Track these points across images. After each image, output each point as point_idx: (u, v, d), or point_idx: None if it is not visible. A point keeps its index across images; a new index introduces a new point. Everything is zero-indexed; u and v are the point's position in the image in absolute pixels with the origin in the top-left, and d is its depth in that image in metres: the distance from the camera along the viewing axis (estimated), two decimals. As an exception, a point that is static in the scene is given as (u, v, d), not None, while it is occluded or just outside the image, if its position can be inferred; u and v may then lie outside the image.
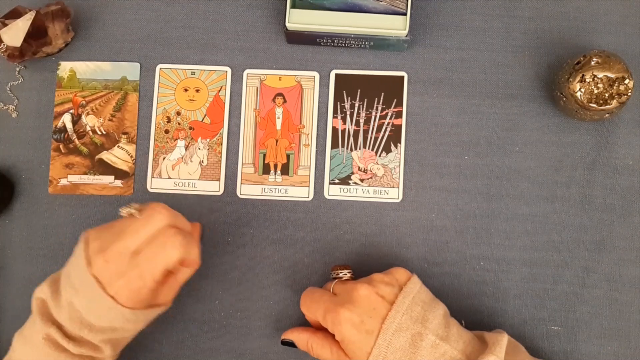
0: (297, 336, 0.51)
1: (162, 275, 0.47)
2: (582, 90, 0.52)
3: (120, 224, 0.47)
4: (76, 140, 0.59)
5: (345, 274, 0.51)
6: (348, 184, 0.57)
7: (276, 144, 0.58)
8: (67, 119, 0.59)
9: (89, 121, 0.59)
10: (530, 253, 0.56)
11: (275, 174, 0.58)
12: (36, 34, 0.56)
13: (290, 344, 0.52)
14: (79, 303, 0.46)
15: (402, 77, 0.58)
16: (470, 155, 0.57)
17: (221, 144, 0.58)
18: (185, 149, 0.59)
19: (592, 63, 0.52)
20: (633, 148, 0.57)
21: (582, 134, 0.57)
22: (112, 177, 0.58)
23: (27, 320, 0.48)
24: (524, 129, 0.57)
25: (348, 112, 0.58)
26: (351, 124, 0.58)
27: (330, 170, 0.58)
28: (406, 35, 0.55)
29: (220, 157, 0.58)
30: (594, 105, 0.52)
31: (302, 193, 0.58)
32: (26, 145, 0.59)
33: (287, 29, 0.56)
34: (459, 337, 0.46)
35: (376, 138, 0.58)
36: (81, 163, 0.58)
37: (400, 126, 0.58)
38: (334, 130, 0.58)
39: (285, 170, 0.58)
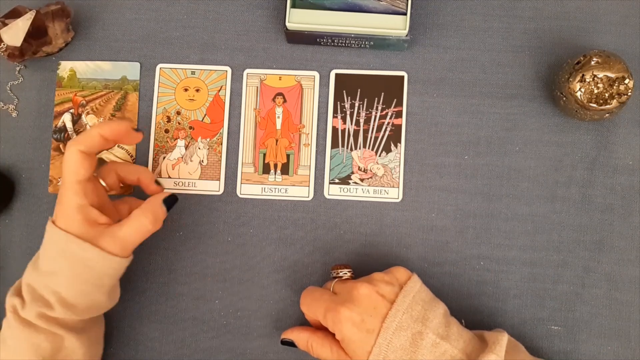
0: (297, 335, 0.51)
1: (77, 184, 0.46)
2: (582, 90, 0.52)
3: None
4: (76, 139, 0.59)
5: (346, 273, 0.51)
6: (348, 183, 0.57)
7: (276, 144, 0.58)
8: (67, 119, 0.59)
9: (89, 121, 0.59)
10: (530, 253, 0.56)
11: (275, 173, 0.58)
12: (36, 34, 0.56)
13: (290, 344, 0.52)
14: (40, 250, 0.48)
15: (402, 77, 0.58)
16: (470, 155, 0.57)
17: (221, 144, 0.58)
18: (185, 149, 0.59)
19: (592, 63, 0.52)
20: (633, 148, 0.57)
21: (582, 134, 0.57)
22: (112, 176, 0.58)
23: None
24: (524, 129, 0.57)
25: (348, 112, 0.58)
26: (351, 124, 0.58)
27: (330, 170, 0.58)
28: (406, 35, 0.55)
29: (220, 156, 0.58)
30: (594, 105, 0.52)
31: (302, 193, 0.58)
32: (26, 145, 0.59)
33: (287, 28, 0.56)
34: (459, 336, 0.46)
35: (376, 138, 0.58)
36: (81, 163, 0.58)
37: (400, 126, 0.58)
38: (334, 130, 0.58)
39: (285, 170, 0.58)
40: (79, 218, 0.46)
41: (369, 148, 0.58)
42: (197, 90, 0.59)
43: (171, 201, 0.51)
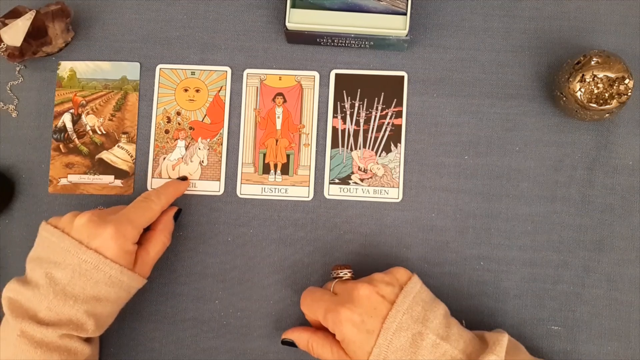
0: (298, 336, 0.51)
1: (145, 226, 0.51)
2: (582, 90, 0.52)
3: None
4: (76, 139, 0.59)
5: (346, 274, 0.51)
6: (348, 183, 0.57)
7: (276, 144, 0.58)
8: (67, 119, 0.59)
9: (89, 121, 0.59)
10: (530, 253, 0.56)
11: (275, 173, 0.58)
12: (36, 34, 0.56)
13: (291, 344, 0.52)
14: (62, 274, 0.47)
15: (402, 77, 0.58)
16: (470, 155, 0.57)
17: (221, 144, 0.58)
18: (186, 149, 0.59)
19: (592, 63, 0.52)
20: (633, 148, 0.57)
21: (582, 134, 0.57)
22: (112, 176, 0.58)
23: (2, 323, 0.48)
24: (524, 129, 0.57)
25: (348, 112, 0.58)
26: (351, 124, 0.58)
27: (330, 170, 0.58)
28: (406, 35, 0.55)
29: (221, 157, 0.58)
30: (594, 105, 0.52)
31: (302, 193, 0.58)
32: (26, 145, 0.59)
33: (287, 28, 0.56)
34: (459, 336, 0.46)
35: (376, 138, 0.58)
36: (81, 163, 0.58)
37: (400, 126, 0.58)
38: (334, 130, 0.58)
39: (285, 170, 0.58)
40: (131, 252, 0.50)
41: (369, 148, 0.58)
42: (197, 91, 0.59)
43: (178, 214, 0.56)
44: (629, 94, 0.52)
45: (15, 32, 0.56)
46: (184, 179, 0.57)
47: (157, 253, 0.52)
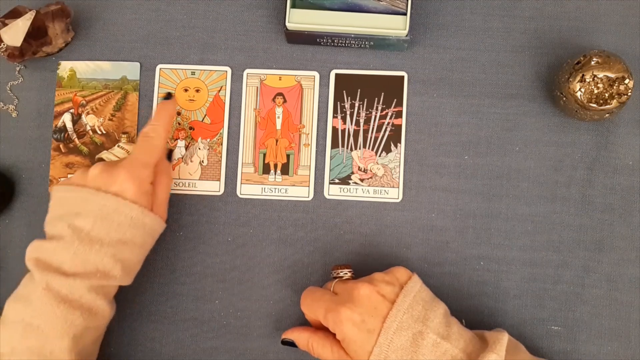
0: (298, 336, 0.51)
1: (155, 164, 0.51)
2: (582, 90, 0.52)
3: None
4: (76, 139, 0.59)
5: (346, 274, 0.51)
6: (348, 183, 0.57)
7: (276, 144, 0.58)
8: (67, 119, 0.59)
9: (89, 121, 0.59)
10: (530, 253, 0.56)
11: (275, 173, 0.58)
12: (36, 34, 0.56)
13: (291, 344, 0.52)
14: (84, 222, 0.47)
15: (402, 77, 0.58)
16: (470, 155, 0.57)
17: (221, 144, 0.58)
18: (186, 149, 0.59)
19: (592, 63, 0.52)
20: (633, 148, 0.57)
21: (582, 134, 0.57)
22: (112, 176, 0.58)
23: (19, 285, 0.48)
24: (524, 129, 0.57)
25: (348, 112, 0.58)
26: (351, 124, 0.58)
27: (330, 170, 0.58)
28: (406, 35, 0.55)
29: (221, 157, 0.58)
30: (594, 105, 0.52)
31: (302, 193, 0.58)
32: (26, 145, 0.59)
33: (287, 28, 0.56)
34: (459, 336, 0.46)
35: (376, 138, 0.58)
36: (81, 162, 0.58)
37: (400, 126, 0.58)
38: (334, 130, 0.58)
39: (285, 170, 0.58)
40: (148, 193, 0.51)
41: (369, 148, 0.58)
42: (197, 91, 0.59)
43: (170, 154, 0.58)
44: (629, 94, 0.52)
45: (15, 32, 0.56)
46: (168, 96, 0.58)
47: (165, 193, 0.53)
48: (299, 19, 0.56)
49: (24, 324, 0.46)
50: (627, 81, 0.51)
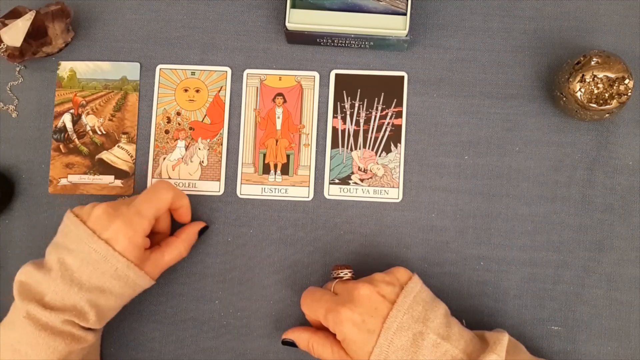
0: (298, 336, 0.51)
1: (155, 218, 0.50)
2: (582, 90, 0.52)
3: None
4: (76, 140, 0.59)
5: (346, 274, 0.51)
6: (348, 184, 0.57)
7: (276, 144, 0.58)
8: (67, 119, 0.59)
9: (89, 121, 0.59)
10: (530, 253, 0.56)
11: (275, 174, 0.58)
12: (36, 34, 0.56)
13: (291, 344, 0.52)
14: (72, 260, 0.48)
15: (402, 77, 0.58)
16: (470, 155, 0.57)
17: (221, 144, 0.58)
18: (186, 149, 0.59)
19: (592, 63, 0.52)
20: (633, 148, 0.57)
21: (582, 134, 0.57)
22: (112, 177, 0.58)
23: (11, 307, 0.49)
24: (524, 129, 0.57)
25: (348, 112, 0.58)
26: (351, 124, 0.58)
27: (330, 170, 0.58)
28: (406, 35, 0.55)
29: (221, 157, 0.58)
30: (594, 105, 0.52)
31: (302, 193, 0.58)
32: (26, 145, 0.59)
33: (287, 29, 0.56)
34: (460, 336, 0.46)
35: (376, 138, 0.58)
36: (81, 163, 0.58)
37: (400, 126, 0.58)
38: (334, 130, 0.58)
39: (285, 170, 0.58)
40: (140, 246, 0.49)
41: (369, 148, 0.58)
42: (197, 91, 0.59)
43: (204, 230, 0.56)
44: (629, 94, 0.52)
45: (15, 33, 0.56)
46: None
47: (171, 259, 0.53)
48: (299, 19, 0.56)
49: (12, 349, 0.47)
50: (627, 81, 0.51)
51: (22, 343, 0.46)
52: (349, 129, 0.58)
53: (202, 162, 0.58)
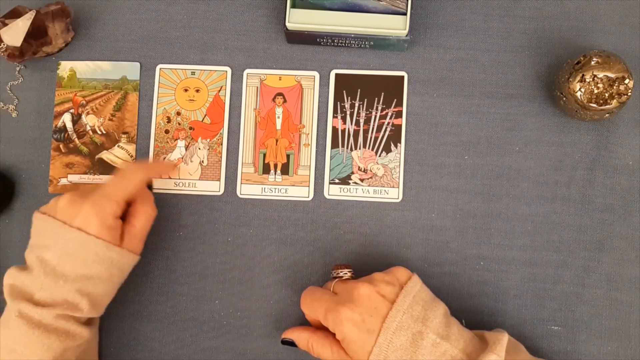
0: (298, 335, 0.51)
1: (125, 200, 0.50)
2: (582, 90, 0.52)
3: None
4: (76, 139, 0.59)
5: (346, 273, 0.51)
6: (348, 183, 0.57)
7: (276, 144, 0.58)
8: (67, 119, 0.59)
9: (89, 121, 0.59)
10: (530, 253, 0.56)
11: (275, 173, 0.58)
12: (36, 34, 0.56)
13: (291, 344, 0.52)
14: (51, 255, 0.47)
15: (402, 77, 0.58)
16: (470, 155, 0.57)
17: (221, 144, 0.58)
18: (186, 149, 0.59)
19: (592, 63, 0.52)
20: (633, 148, 0.57)
21: (582, 134, 0.57)
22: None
23: (5, 309, 0.49)
24: (524, 129, 0.57)
25: (348, 112, 0.58)
26: (351, 124, 0.58)
27: (330, 170, 0.58)
28: (406, 35, 0.55)
29: (221, 157, 0.58)
30: (594, 105, 0.52)
31: (302, 193, 0.58)
32: (26, 145, 0.59)
33: (287, 28, 0.56)
34: (459, 336, 0.46)
35: (376, 138, 0.58)
36: (81, 163, 0.58)
37: (400, 126, 0.58)
38: (334, 130, 0.58)
39: (285, 170, 0.58)
40: (113, 227, 0.49)
41: (369, 148, 0.58)
42: (197, 91, 0.59)
43: (151, 185, 0.57)
44: (629, 94, 0.52)
45: (15, 32, 0.56)
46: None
47: (143, 225, 0.51)
48: (299, 19, 0.56)
49: (8, 349, 0.47)
50: (627, 81, 0.51)
51: (17, 343, 0.46)
52: (349, 129, 0.58)
53: (202, 162, 0.58)
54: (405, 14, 0.55)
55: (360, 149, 0.58)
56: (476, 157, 0.57)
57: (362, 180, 0.57)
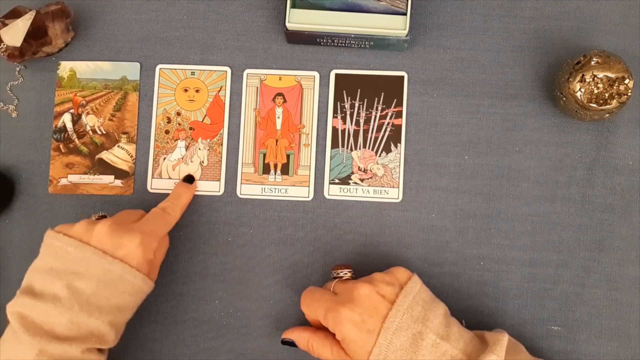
0: (298, 335, 0.51)
1: (163, 236, 0.51)
2: (582, 90, 0.52)
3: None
4: (76, 140, 0.59)
5: (346, 274, 0.51)
6: (348, 183, 0.57)
7: (276, 144, 0.58)
8: (67, 119, 0.59)
9: (89, 121, 0.59)
10: (530, 253, 0.56)
11: (275, 173, 0.58)
12: (36, 34, 0.56)
13: (291, 344, 0.52)
14: (86, 285, 0.46)
15: (402, 77, 0.58)
16: (470, 155, 0.57)
17: (221, 144, 0.58)
18: (186, 149, 0.59)
19: (592, 63, 0.52)
20: (633, 148, 0.57)
21: (582, 134, 0.57)
22: (112, 176, 0.58)
23: (3, 339, 0.46)
24: (524, 129, 0.57)
25: (348, 112, 0.58)
26: (351, 124, 0.58)
27: (330, 170, 0.58)
28: (406, 35, 0.55)
29: (221, 157, 0.58)
30: (594, 105, 0.52)
31: (302, 193, 0.58)
32: (26, 145, 0.59)
33: (287, 28, 0.56)
34: (459, 336, 0.46)
35: (376, 138, 0.58)
36: (81, 163, 0.58)
37: (400, 126, 0.58)
38: (334, 130, 0.58)
39: (285, 170, 0.58)
40: (151, 261, 0.50)
41: (369, 148, 0.58)
42: (197, 91, 0.59)
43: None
44: (629, 94, 0.52)
45: (15, 32, 0.56)
46: (190, 179, 0.57)
47: (162, 256, 0.53)
48: (299, 19, 0.56)
49: None
50: (627, 81, 0.51)
51: None
52: (349, 129, 0.58)
53: (202, 162, 0.58)
54: (405, 14, 0.55)
55: (360, 149, 0.58)
56: (476, 157, 0.57)
57: (362, 180, 0.57)
